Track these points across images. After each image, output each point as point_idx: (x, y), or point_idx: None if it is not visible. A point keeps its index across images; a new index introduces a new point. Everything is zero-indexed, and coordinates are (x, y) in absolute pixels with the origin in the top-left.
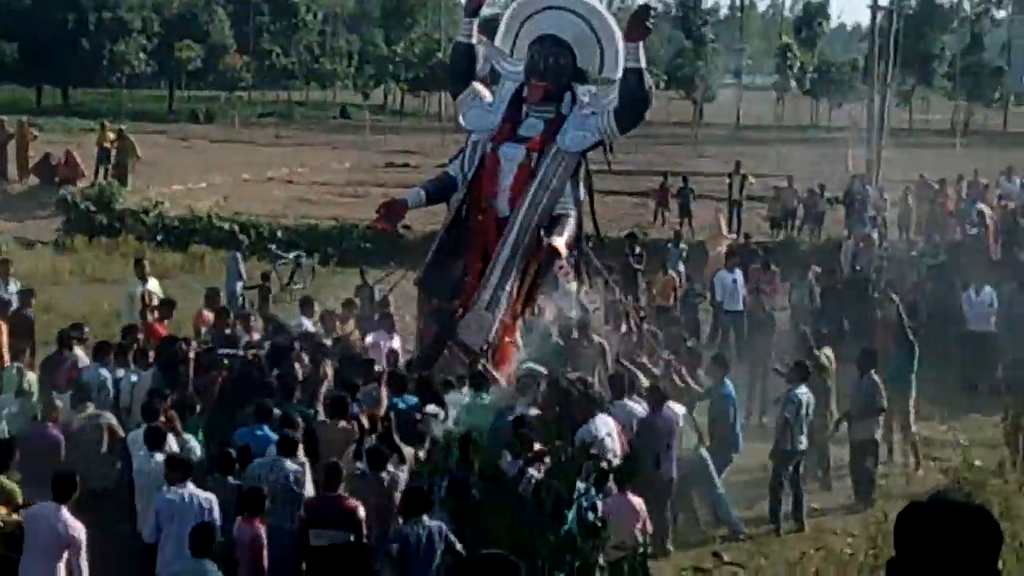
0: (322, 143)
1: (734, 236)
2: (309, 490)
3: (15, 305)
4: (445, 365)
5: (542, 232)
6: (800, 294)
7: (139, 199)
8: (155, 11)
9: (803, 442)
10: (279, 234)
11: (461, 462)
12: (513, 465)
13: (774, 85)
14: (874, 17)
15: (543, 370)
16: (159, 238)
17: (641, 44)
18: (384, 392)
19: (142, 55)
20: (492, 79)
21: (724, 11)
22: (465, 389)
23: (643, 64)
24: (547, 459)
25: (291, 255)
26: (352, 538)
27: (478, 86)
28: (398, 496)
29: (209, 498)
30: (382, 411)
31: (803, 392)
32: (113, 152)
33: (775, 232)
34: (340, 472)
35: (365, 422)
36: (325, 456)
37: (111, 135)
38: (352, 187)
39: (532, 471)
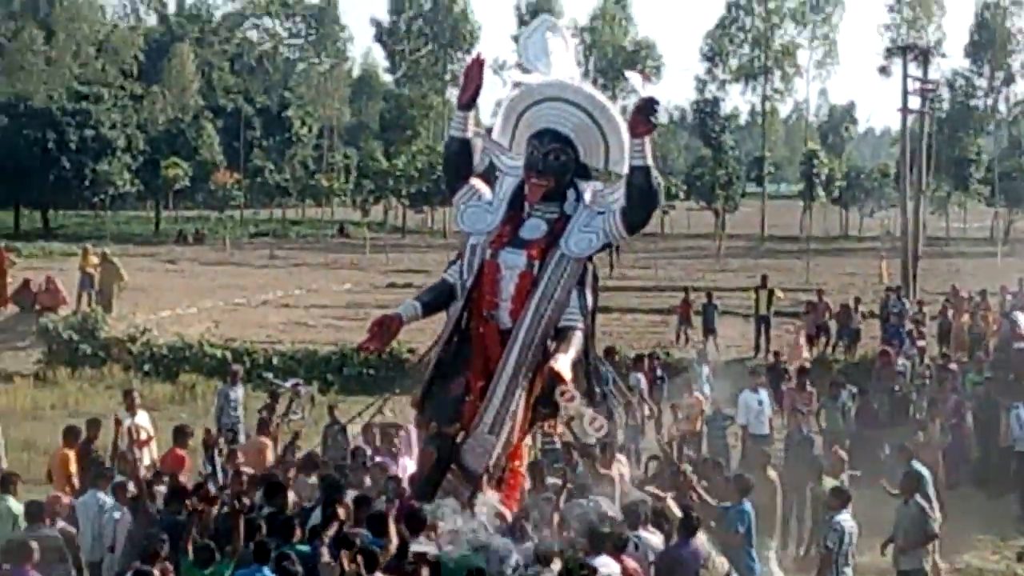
0: (319, 263)
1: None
2: None
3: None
4: (451, 489)
5: (549, 343)
6: (832, 416)
7: (125, 327)
8: (140, 128)
9: (848, 574)
10: (275, 361)
11: None
12: None
13: (800, 194)
14: (904, 120)
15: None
16: (146, 368)
17: (647, 140)
18: (393, 531)
19: (126, 174)
20: (491, 175)
21: (744, 117)
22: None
23: (650, 161)
24: None
25: (288, 383)
26: None
27: (476, 183)
28: None
29: None
30: (391, 552)
31: (846, 519)
32: (96, 277)
33: (807, 350)
34: None
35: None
36: None
37: (94, 259)
38: (352, 309)
39: None
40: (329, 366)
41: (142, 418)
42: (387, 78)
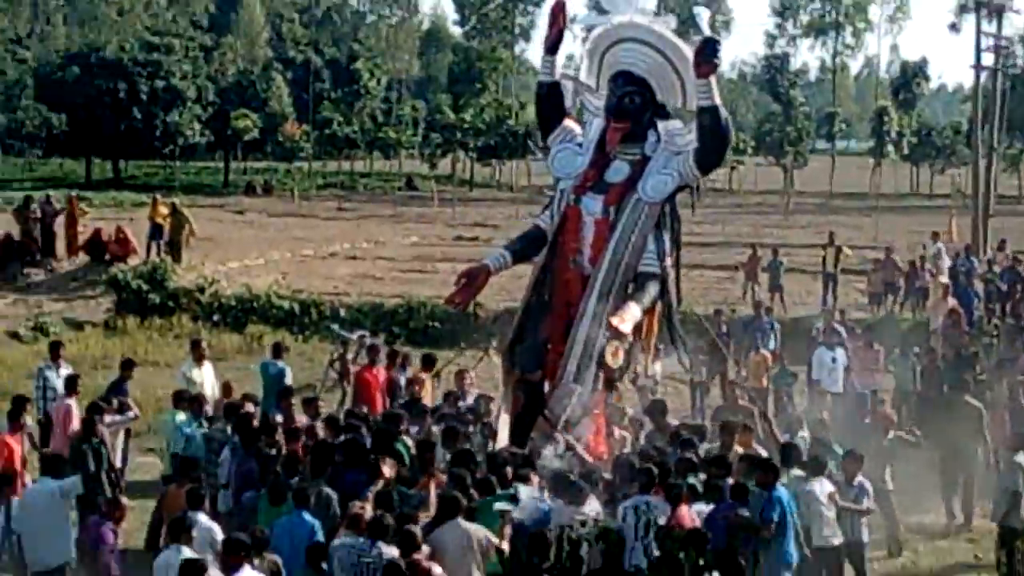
0: (387, 216)
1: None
2: None
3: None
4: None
5: (630, 289)
6: (902, 375)
7: (193, 277)
8: (210, 79)
9: None
10: (342, 313)
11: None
12: None
13: (870, 151)
14: (977, 77)
15: None
16: (214, 318)
17: (713, 79)
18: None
19: (196, 125)
20: (582, 116)
21: (814, 72)
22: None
23: (718, 101)
24: None
25: (355, 335)
26: None
27: (570, 124)
28: None
29: None
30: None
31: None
32: (166, 228)
33: (874, 308)
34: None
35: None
36: None
37: (164, 210)
38: (419, 262)
39: None
40: (395, 318)
41: (207, 369)
42: (456, 31)
